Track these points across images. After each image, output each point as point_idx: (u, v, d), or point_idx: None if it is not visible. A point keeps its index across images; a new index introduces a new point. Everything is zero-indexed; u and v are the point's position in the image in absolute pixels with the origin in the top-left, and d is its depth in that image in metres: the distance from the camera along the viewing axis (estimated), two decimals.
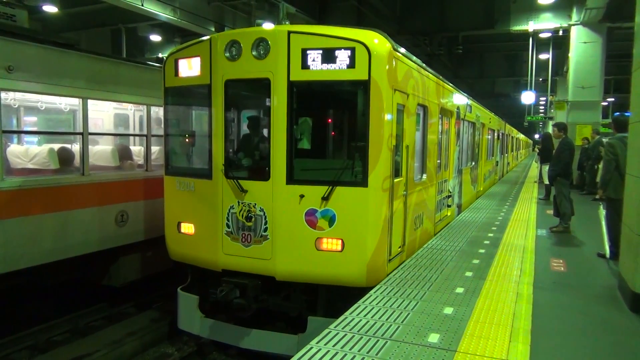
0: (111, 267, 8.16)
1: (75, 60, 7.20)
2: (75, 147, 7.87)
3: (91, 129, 7.83)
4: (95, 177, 7.50)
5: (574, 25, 17.47)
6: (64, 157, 7.50)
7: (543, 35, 20.46)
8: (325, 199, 5.39)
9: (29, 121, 9.13)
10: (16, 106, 8.12)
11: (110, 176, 7.80)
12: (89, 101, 7.36)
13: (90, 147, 7.59)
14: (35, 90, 6.80)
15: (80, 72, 7.21)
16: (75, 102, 7.53)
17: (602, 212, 7.40)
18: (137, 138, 9.78)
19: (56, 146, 7.58)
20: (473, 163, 12.88)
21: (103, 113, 9.36)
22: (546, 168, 12.73)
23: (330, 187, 5.37)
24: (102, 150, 8.26)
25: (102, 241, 7.60)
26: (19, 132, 8.55)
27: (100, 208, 7.53)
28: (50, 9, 15.94)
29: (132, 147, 9.22)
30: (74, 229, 7.14)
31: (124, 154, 8.55)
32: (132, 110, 9.55)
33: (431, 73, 7.76)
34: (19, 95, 7.42)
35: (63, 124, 8.91)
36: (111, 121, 9.52)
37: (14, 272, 6.46)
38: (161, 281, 8.99)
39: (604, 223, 7.15)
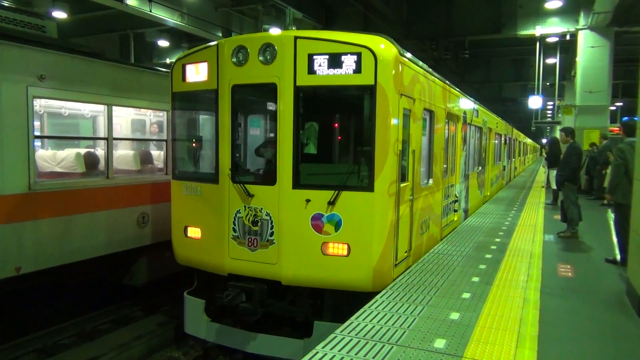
0: (132, 267, 8.42)
1: (100, 69, 7.56)
2: (99, 152, 8.19)
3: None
4: (118, 180, 7.84)
5: (581, 29, 17.40)
6: (90, 161, 7.82)
7: (550, 40, 20.38)
8: (332, 203, 5.39)
9: (52, 126, 9.36)
10: (41, 112, 8.41)
11: (132, 179, 8.12)
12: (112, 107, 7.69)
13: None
14: (65, 97, 7.14)
15: (105, 80, 7.55)
16: (95, 107, 7.87)
17: (611, 216, 7.34)
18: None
19: (82, 150, 7.97)
20: (480, 168, 12.84)
21: (121, 119, 9.67)
22: (554, 173, 12.67)
23: (337, 192, 5.38)
24: (124, 155, 8.56)
25: (125, 242, 7.92)
26: (49, 137, 8.84)
27: (123, 210, 7.86)
28: (60, 14, 16.11)
29: (152, 152, 9.49)
30: (99, 229, 7.46)
31: (144, 158, 8.85)
32: (149, 116, 9.89)
33: (437, 78, 7.75)
34: (42, 101, 7.70)
35: (84, 129, 9.24)
36: (129, 126, 9.77)
37: (43, 271, 6.72)
38: (168, 285, 9.02)
39: (613, 227, 7.10)
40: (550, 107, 32.82)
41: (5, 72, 6.19)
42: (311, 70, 5.41)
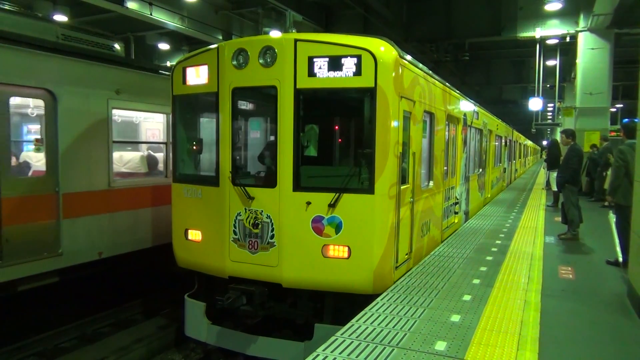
0: None
1: (160, 83, 8.47)
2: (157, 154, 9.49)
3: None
4: None
5: (581, 31, 17.42)
6: (151, 162, 9.13)
7: (550, 42, 20.39)
8: (332, 206, 5.40)
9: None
10: None
11: None
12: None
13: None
14: (134, 108, 8.44)
15: (164, 92, 8.08)
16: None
17: (613, 217, 7.34)
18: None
19: (145, 153, 9.21)
20: (480, 170, 12.84)
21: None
22: (554, 175, 12.67)
23: (337, 194, 5.38)
24: None
25: None
26: (124, 142, 9.51)
27: None
28: (61, 18, 16.14)
29: None
30: (159, 222, 8.54)
31: None
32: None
33: (437, 80, 7.76)
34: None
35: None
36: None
37: (116, 256, 7.88)
38: (169, 288, 9.02)
39: (614, 229, 7.09)
40: (551, 109, 32.73)
41: (92, 88, 7.48)
42: (311, 73, 5.42)
